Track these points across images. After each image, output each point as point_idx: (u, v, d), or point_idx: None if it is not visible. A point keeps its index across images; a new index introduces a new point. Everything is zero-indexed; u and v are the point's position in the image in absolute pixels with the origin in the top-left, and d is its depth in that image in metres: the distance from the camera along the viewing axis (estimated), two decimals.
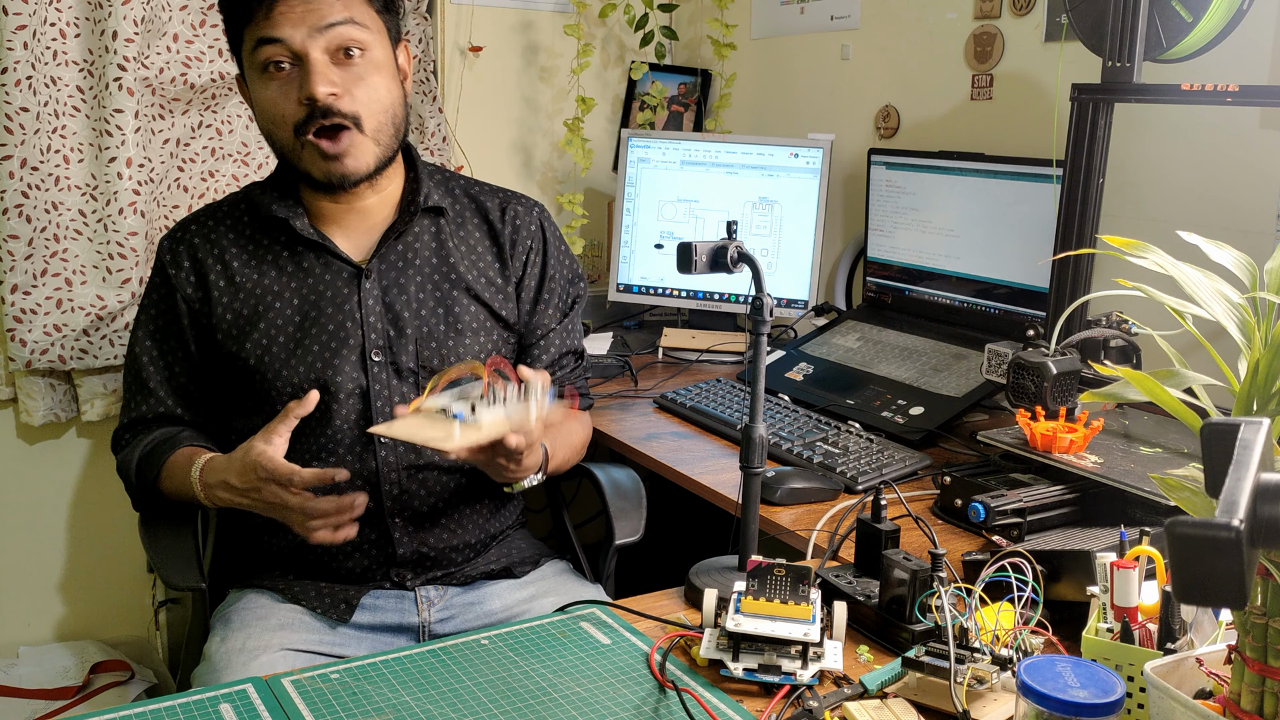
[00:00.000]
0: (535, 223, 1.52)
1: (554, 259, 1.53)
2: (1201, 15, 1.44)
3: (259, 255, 1.41)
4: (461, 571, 1.46)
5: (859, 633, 1.11)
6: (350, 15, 1.32)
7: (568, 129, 2.51)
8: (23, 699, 1.95)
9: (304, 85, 1.30)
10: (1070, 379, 1.38)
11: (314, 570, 1.42)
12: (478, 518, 1.48)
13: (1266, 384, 0.81)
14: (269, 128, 1.36)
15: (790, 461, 1.60)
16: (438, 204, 1.45)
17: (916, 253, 2.05)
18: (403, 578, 1.42)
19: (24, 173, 1.89)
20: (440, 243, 1.45)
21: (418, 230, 1.44)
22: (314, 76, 1.30)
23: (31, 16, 1.84)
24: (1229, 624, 0.92)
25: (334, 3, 1.31)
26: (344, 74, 1.32)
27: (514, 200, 1.52)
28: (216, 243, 1.42)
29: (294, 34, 1.29)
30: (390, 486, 1.39)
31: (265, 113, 1.35)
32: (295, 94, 1.32)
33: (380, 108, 1.35)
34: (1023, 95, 1.96)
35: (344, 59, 1.32)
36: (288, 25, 1.29)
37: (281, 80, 1.32)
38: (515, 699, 0.99)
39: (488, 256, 1.48)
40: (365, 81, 1.34)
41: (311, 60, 1.30)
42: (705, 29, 2.64)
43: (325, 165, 1.34)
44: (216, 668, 1.27)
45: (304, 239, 1.40)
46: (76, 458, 2.12)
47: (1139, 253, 0.91)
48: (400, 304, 1.40)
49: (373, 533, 1.40)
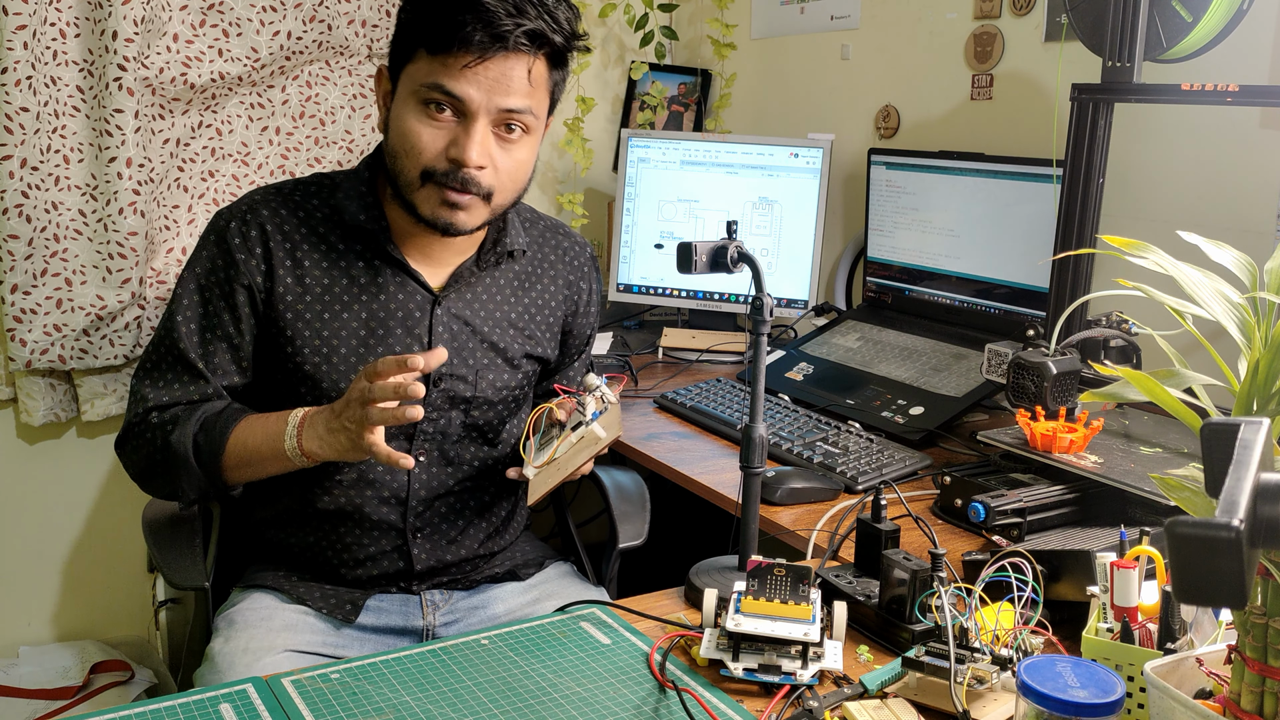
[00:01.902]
0: (588, 262, 1.58)
1: (595, 302, 1.59)
2: (1201, 15, 1.44)
3: (332, 259, 1.37)
4: (468, 577, 1.47)
5: (859, 633, 1.11)
6: (531, 106, 1.30)
7: (568, 129, 2.51)
8: (23, 699, 1.95)
9: (460, 145, 1.28)
10: (1070, 379, 1.38)
11: (323, 573, 1.42)
12: (490, 529, 1.49)
13: (1266, 384, 0.81)
14: (399, 152, 1.31)
15: (790, 461, 1.60)
16: (520, 248, 1.46)
17: (916, 253, 2.05)
18: (409, 584, 1.43)
19: (24, 173, 1.89)
20: (512, 287, 1.46)
21: (495, 274, 1.45)
22: (473, 146, 1.28)
23: (31, 16, 1.84)
24: (1229, 624, 0.92)
25: (524, 86, 1.29)
26: (498, 148, 1.31)
27: (580, 244, 1.57)
28: (290, 235, 1.37)
29: (475, 97, 1.26)
30: (417, 504, 1.40)
31: (404, 139, 1.30)
32: (444, 144, 1.29)
33: (512, 185, 1.35)
34: (1023, 95, 1.96)
35: (504, 133, 1.31)
36: (473, 88, 1.26)
37: (437, 123, 1.29)
38: (515, 699, 0.99)
39: (552, 303, 1.51)
40: (514, 160, 1.33)
41: (477, 128, 1.28)
42: (705, 29, 2.64)
43: (438, 210, 1.31)
44: (219, 668, 1.27)
45: (384, 254, 1.38)
46: (76, 458, 2.12)
47: (1139, 253, 0.91)
48: (465, 335, 1.40)
49: (389, 546, 1.40)
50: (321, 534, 1.40)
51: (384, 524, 1.39)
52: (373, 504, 1.38)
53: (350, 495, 1.38)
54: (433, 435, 1.40)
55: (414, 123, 1.29)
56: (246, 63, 2.06)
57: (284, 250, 1.36)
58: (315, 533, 1.40)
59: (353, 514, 1.38)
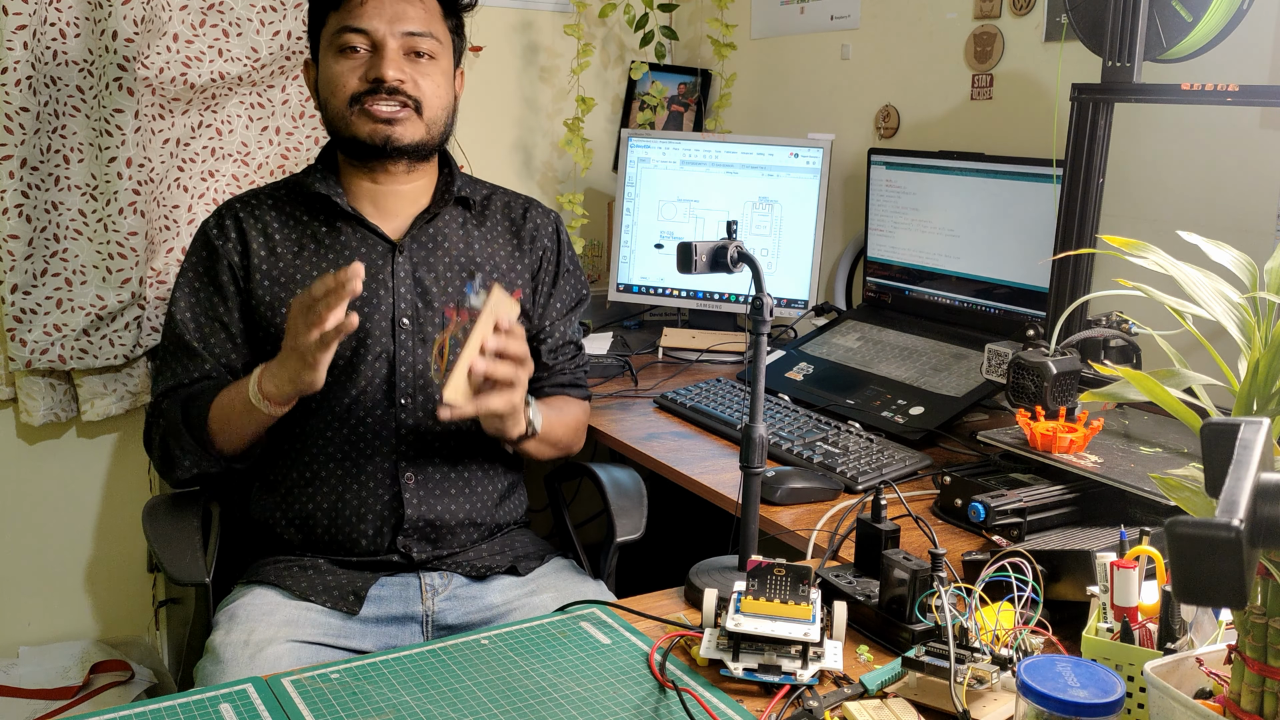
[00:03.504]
0: (552, 228, 1.66)
1: (566, 264, 1.66)
2: (1201, 15, 1.44)
3: (299, 229, 1.53)
4: (467, 560, 1.48)
5: (859, 633, 1.11)
6: (430, 30, 1.49)
7: (568, 129, 2.51)
8: (23, 699, 1.95)
9: (374, 67, 1.46)
10: (1070, 379, 1.38)
11: (323, 543, 1.46)
12: (485, 497, 1.53)
13: (1266, 384, 0.81)
14: (327, 97, 1.49)
15: (790, 461, 1.60)
16: (468, 196, 1.59)
17: (916, 253, 2.05)
18: (409, 550, 1.45)
19: (24, 173, 1.89)
20: (467, 231, 1.58)
21: (448, 218, 1.57)
22: (386, 62, 1.45)
23: (31, 16, 1.84)
24: (1229, 624, 0.92)
25: (420, 13, 1.49)
26: (412, 68, 1.48)
27: (534, 206, 1.66)
28: (260, 218, 1.53)
29: (378, 27, 1.46)
30: (407, 448, 1.47)
31: (329, 84, 1.48)
32: (362, 72, 1.47)
33: (438, 103, 1.51)
34: (1023, 95, 1.96)
35: (414, 58, 1.48)
36: (375, 19, 1.46)
37: (353, 61, 1.47)
38: (515, 699, 0.99)
39: (507, 248, 1.60)
40: (429, 78, 1.49)
41: (387, 49, 1.46)
42: (705, 29, 2.64)
43: (374, 126, 1.46)
44: (221, 660, 1.27)
45: (343, 214, 1.51)
46: (76, 458, 2.12)
47: (1139, 253, 0.91)
48: (429, 280, 1.52)
49: (385, 494, 1.46)
50: (320, 499, 1.46)
51: (377, 475, 1.46)
52: (365, 454, 1.46)
53: (345, 450, 1.46)
54: (413, 380, 1.48)
55: (334, 66, 1.48)
56: (246, 63, 2.06)
57: (256, 229, 1.52)
58: (313, 499, 1.46)
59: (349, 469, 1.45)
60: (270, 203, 1.55)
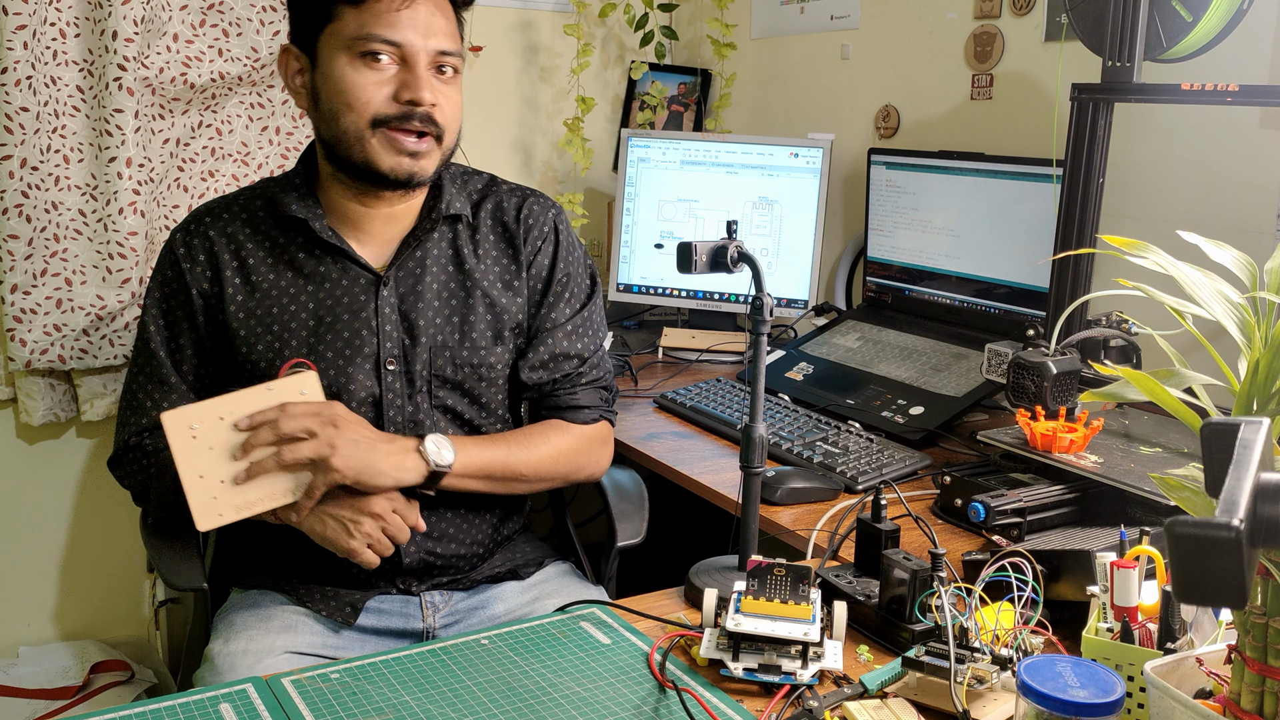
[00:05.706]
0: (549, 222, 1.49)
1: (564, 258, 1.49)
2: (1201, 15, 1.44)
3: (275, 254, 1.39)
4: (467, 577, 1.46)
5: (859, 633, 1.11)
6: (458, 46, 1.36)
7: (568, 129, 2.51)
8: (23, 699, 1.95)
9: (409, 88, 1.31)
10: (1070, 379, 1.38)
11: (318, 573, 1.40)
12: (485, 526, 1.46)
13: (1266, 384, 0.81)
14: (338, 108, 1.32)
15: (790, 461, 1.60)
16: (458, 212, 1.43)
17: (916, 253, 2.05)
18: (408, 584, 1.42)
19: (24, 173, 1.89)
20: (457, 249, 1.43)
21: (436, 237, 1.43)
22: (424, 85, 1.31)
23: (31, 16, 1.84)
24: (1229, 624, 0.92)
25: (449, 26, 1.35)
26: (438, 89, 1.34)
27: (532, 197, 1.50)
28: (233, 238, 1.39)
29: (413, 40, 1.30)
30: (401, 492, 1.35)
31: (346, 94, 1.31)
32: (391, 91, 1.31)
33: (455, 126, 1.38)
34: (1023, 95, 1.96)
35: (438, 74, 1.35)
36: (410, 30, 1.30)
37: (379, 74, 1.31)
38: (515, 699, 0.99)
39: (504, 259, 1.46)
40: (452, 101, 1.36)
41: (420, 67, 1.31)
42: (705, 29, 2.64)
43: (397, 159, 1.32)
44: (219, 669, 1.27)
45: (322, 242, 1.38)
46: (76, 458, 2.12)
47: (1139, 253, 0.91)
48: (416, 312, 1.39)
49: None
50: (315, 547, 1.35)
51: None
52: None
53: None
54: (402, 425, 1.38)
55: (354, 75, 1.31)
56: (246, 63, 2.06)
57: (229, 253, 1.39)
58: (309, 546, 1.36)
59: None
60: (244, 217, 1.41)
